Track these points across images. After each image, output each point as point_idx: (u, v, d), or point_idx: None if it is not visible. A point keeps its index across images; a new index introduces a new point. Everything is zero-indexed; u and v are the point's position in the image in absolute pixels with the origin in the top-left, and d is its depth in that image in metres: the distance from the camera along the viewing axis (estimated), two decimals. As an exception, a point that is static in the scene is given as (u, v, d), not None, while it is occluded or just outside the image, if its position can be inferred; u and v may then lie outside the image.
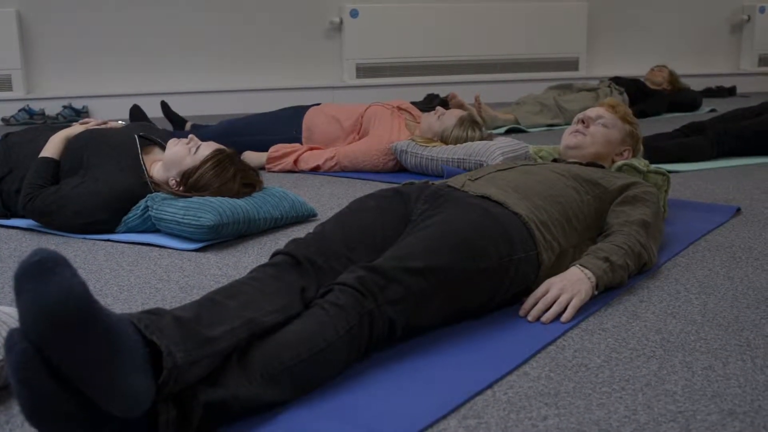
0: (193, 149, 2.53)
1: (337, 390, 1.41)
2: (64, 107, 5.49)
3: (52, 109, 5.48)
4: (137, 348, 1.15)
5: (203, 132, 3.84)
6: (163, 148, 2.72)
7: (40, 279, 1.06)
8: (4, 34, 5.37)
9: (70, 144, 2.65)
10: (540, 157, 2.74)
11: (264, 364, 1.32)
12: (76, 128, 2.75)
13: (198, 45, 5.79)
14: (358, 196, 3.00)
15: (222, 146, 2.57)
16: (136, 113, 4.31)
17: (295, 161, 3.52)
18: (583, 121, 2.49)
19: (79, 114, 5.50)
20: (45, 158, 2.61)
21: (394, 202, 1.87)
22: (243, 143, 3.65)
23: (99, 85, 5.64)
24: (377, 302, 1.49)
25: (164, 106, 4.50)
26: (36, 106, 5.46)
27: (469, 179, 1.99)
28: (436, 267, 1.59)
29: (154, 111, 4.59)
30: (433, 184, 1.96)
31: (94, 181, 2.49)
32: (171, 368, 1.17)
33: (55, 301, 1.06)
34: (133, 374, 1.12)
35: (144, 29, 5.68)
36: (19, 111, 5.41)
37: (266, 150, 3.61)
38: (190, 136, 2.59)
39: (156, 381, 1.16)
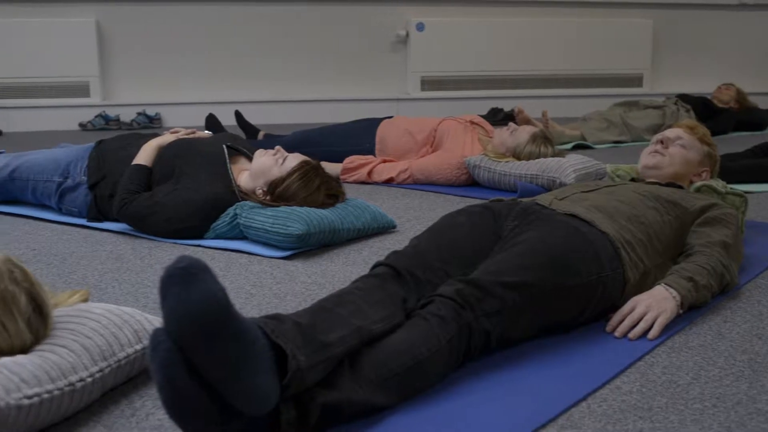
0: (281, 160, 2.63)
1: (438, 397, 1.48)
2: (138, 114, 5.67)
3: (127, 115, 5.66)
4: (266, 351, 1.23)
5: (277, 142, 3.95)
6: (249, 158, 2.83)
7: (185, 284, 1.15)
8: (83, 42, 5.57)
9: (163, 152, 2.77)
10: (617, 176, 2.78)
11: (373, 370, 1.39)
12: (167, 137, 2.87)
13: (270, 55, 5.93)
14: (432, 209, 3.10)
15: (308, 158, 2.67)
16: (212, 122, 4.44)
17: (369, 173, 3.61)
18: (662, 142, 2.53)
19: (152, 121, 5.67)
20: (138, 165, 2.73)
21: (484, 218, 1.93)
22: (317, 154, 3.73)
23: (172, 94, 5.81)
24: (475, 314, 1.56)
25: (238, 116, 4.63)
26: (111, 113, 5.64)
27: (556, 198, 2.04)
28: (529, 282, 1.66)
29: (227, 120, 4.72)
30: (521, 201, 2.02)
31: (186, 189, 2.61)
32: (295, 371, 1.25)
33: (198, 305, 1.15)
34: (262, 375, 1.21)
35: (218, 40, 5.83)
36: (96, 117, 5.60)
37: (340, 161, 3.70)
38: (277, 147, 2.69)
39: (280, 382, 1.25)
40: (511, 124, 3.61)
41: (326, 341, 1.34)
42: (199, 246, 2.57)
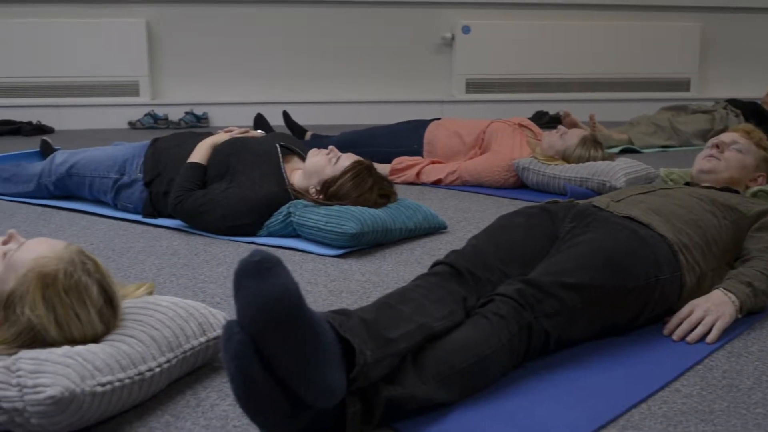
0: (334, 160, 2.66)
1: (498, 395, 1.49)
2: (186, 113, 5.74)
3: (175, 114, 5.74)
4: (334, 345, 1.25)
5: (325, 142, 3.98)
6: (302, 157, 2.86)
7: (260, 277, 1.18)
8: (134, 43, 5.66)
9: (217, 151, 2.81)
10: (671, 180, 2.76)
11: (436, 366, 1.41)
12: (221, 136, 2.92)
13: (317, 57, 5.97)
14: (481, 210, 3.11)
15: (360, 158, 2.69)
16: (261, 122, 4.49)
17: (418, 174, 3.62)
18: (717, 146, 2.51)
19: (200, 120, 5.75)
20: (193, 163, 2.78)
21: (541, 219, 1.94)
22: (365, 154, 3.73)
23: (219, 93, 5.88)
24: (535, 314, 1.57)
25: (285, 116, 4.68)
26: (160, 112, 5.72)
27: (612, 200, 2.04)
28: (588, 284, 1.66)
29: (274, 120, 4.76)
30: (577, 203, 2.02)
31: (240, 187, 2.64)
32: (362, 365, 1.27)
33: (272, 298, 1.17)
34: (331, 369, 1.23)
35: (265, 40, 5.89)
36: (145, 116, 5.69)
37: (387, 162, 3.72)
38: (330, 147, 2.72)
39: (347, 376, 1.27)
40: (560, 126, 3.61)
41: (391, 337, 1.36)
42: (252, 243, 2.61)
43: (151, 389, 1.46)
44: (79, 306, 1.43)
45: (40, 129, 5.44)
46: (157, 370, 1.45)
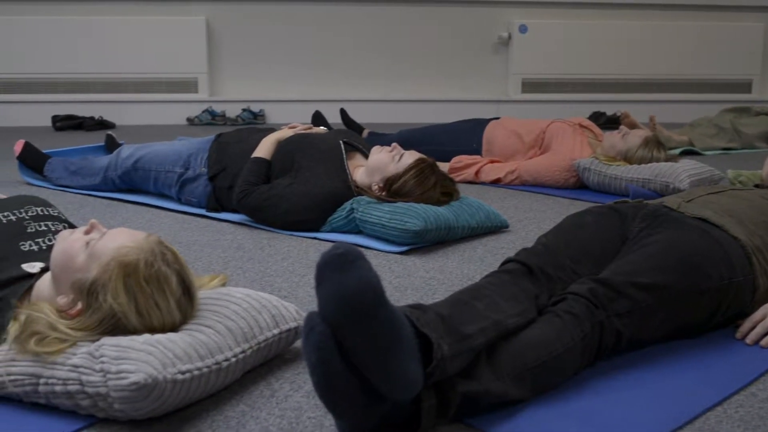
0: (397, 157, 2.67)
1: (570, 394, 1.49)
2: (243, 110, 5.81)
3: (232, 111, 5.81)
4: (412, 338, 1.26)
5: (383, 140, 3.99)
6: (365, 154, 2.88)
7: (342, 270, 1.19)
8: (193, 40, 5.74)
9: (281, 146, 2.84)
10: (739, 182, 2.72)
11: (510, 363, 1.41)
12: (285, 132, 2.95)
13: (373, 55, 5.99)
14: (541, 210, 3.10)
15: (424, 156, 2.70)
16: (318, 119, 4.52)
17: (477, 173, 3.62)
18: (789, 148, 2.46)
19: (256, 117, 5.81)
20: (258, 158, 2.81)
21: (611, 219, 1.92)
22: (423, 153, 3.76)
23: (276, 91, 5.94)
24: (607, 314, 1.56)
25: (343, 113, 4.70)
26: (218, 108, 5.80)
27: (684, 200, 2.01)
28: (661, 284, 1.65)
29: (331, 117, 4.79)
30: (648, 203, 2.00)
31: (305, 182, 2.67)
32: (440, 359, 1.28)
33: (354, 290, 1.18)
34: (409, 362, 1.24)
35: (322, 38, 5.93)
36: (203, 112, 5.77)
37: (446, 160, 3.72)
38: (393, 144, 2.73)
39: (424, 370, 1.27)
40: (622, 127, 3.57)
41: (467, 332, 1.36)
42: (315, 239, 2.63)
43: (226, 379, 1.48)
44: (158, 295, 1.46)
45: (102, 124, 5.56)
46: (233, 360, 1.47)
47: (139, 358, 1.33)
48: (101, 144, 3.90)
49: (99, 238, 1.50)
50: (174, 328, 1.48)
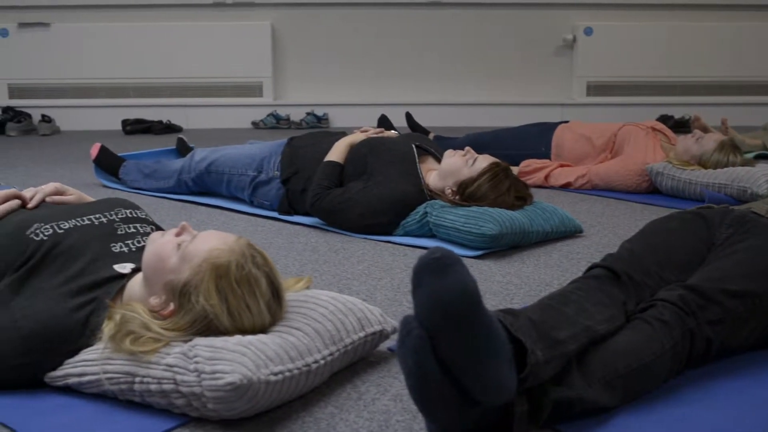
0: (471, 161, 2.67)
1: (660, 402, 1.47)
2: (307, 114, 5.86)
3: (297, 115, 5.87)
4: (507, 344, 1.26)
5: (449, 143, 3.98)
6: (437, 158, 2.88)
7: (439, 274, 1.19)
8: (259, 44, 5.82)
9: (354, 150, 2.86)
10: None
11: (601, 370, 1.40)
12: (357, 135, 2.96)
13: (437, 58, 5.99)
14: (614, 215, 3.06)
15: (497, 160, 2.69)
16: (384, 123, 4.53)
17: (546, 177, 3.59)
18: None
19: (320, 121, 5.85)
20: (331, 162, 2.83)
21: (696, 224, 1.89)
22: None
23: (340, 95, 5.97)
24: (697, 321, 1.54)
25: (408, 117, 4.71)
26: (282, 112, 5.86)
27: (772, 206, 1.97)
28: (752, 291, 1.61)
29: (396, 121, 4.80)
30: (734, 209, 1.97)
31: (378, 186, 2.68)
32: (534, 365, 1.27)
33: (451, 295, 1.18)
34: (504, 367, 1.23)
35: (386, 42, 5.95)
36: (268, 116, 5.84)
37: (513, 164, 3.69)
38: (467, 148, 2.73)
39: (518, 375, 1.27)
40: (696, 131, 3.51)
41: (559, 338, 1.35)
42: (389, 242, 2.64)
43: (315, 381, 1.50)
44: (249, 297, 1.48)
45: (170, 128, 5.66)
46: (322, 362, 1.49)
47: (234, 359, 1.35)
48: (173, 147, 3.97)
49: (190, 241, 1.53)
50: (264, 330, 1.50)
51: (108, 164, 3.57)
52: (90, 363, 1.48)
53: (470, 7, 5.94)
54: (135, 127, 5.61)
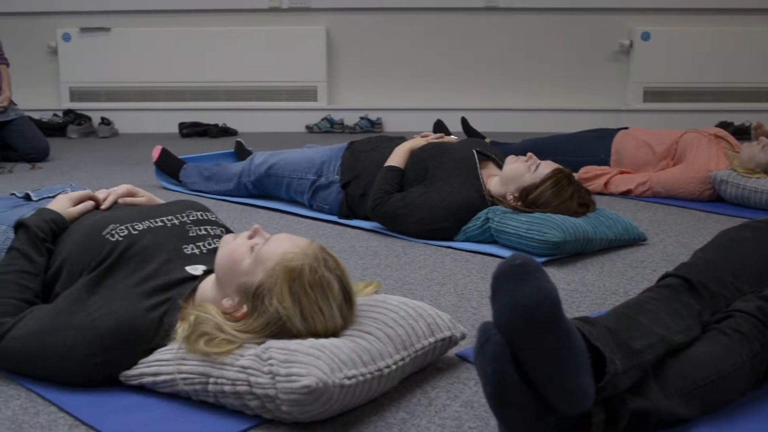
0: (533, 167, 2.65)
1: (737, 414, 1.44)
2: (361, 118, 5.88)
3: (350, 119, 5.89)
4: (585, 352, 1.24)
5: (505, 149, 3.96)
6: (497, 163, 2.86)
7: (519, 281, 1.18)
8: (314, 49, 5.85)
9: (415, 155, 2.86)
10: None
11: (679, 381, 1.38)
12: (418, 140, 2.96)
13: (491, 64, 5.96)
14: (677, 223, 3.01)
15: (560, 166, 2.66)
16: (440, 128, 4.52)
17: (606, 184, 3.55)
18: None
19: (374, 125, 5.86)
20: (392, 167, 2.83)
21: (770, 233, 1.85)
22: (549, 162, 3.72)
23: (394, 99, 5.98)
24: (776, 333, 1.50)
25: (464, 122, 4.69)
26: (336, 116, 5.89)
27: None
28: (833, 303, 1.57)
29: (451, 126, 4.79)
30: (810, 218, 1.92)
31: (439, 191, 2.67)
32: (613, 374, 1.26)
33: (531, 302, 1.18)
34: (583, 376, 1.22)
35: (440, 47, 5.94)
36: (322, 120, 5.87)
37: (572, 170, 3.65)
38: (529, 154, 2.71)
39: (596, 384, 1.25)
40: (761, 138, 3.43)
41: (636, 348, 1.34)
42: (449, 248, 2.63)
43: (386, 386, 1.50)
44: (322, 300, 1.48)
45: (225, 131, 5.72)
46: (393, 367, 1.49)
47: (309, 362, 1.36)
48: (231, 151, 4.01)
49: (263, 244, 1.54)
50: (336, 334, 1.51)
51: (169, 167, 3.63)
52: (165, 363, 1.50)
53: (526, 11, 5.91)
54: (191, 130, 5.68)
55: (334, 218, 3.00)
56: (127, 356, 1.54)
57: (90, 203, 1.88)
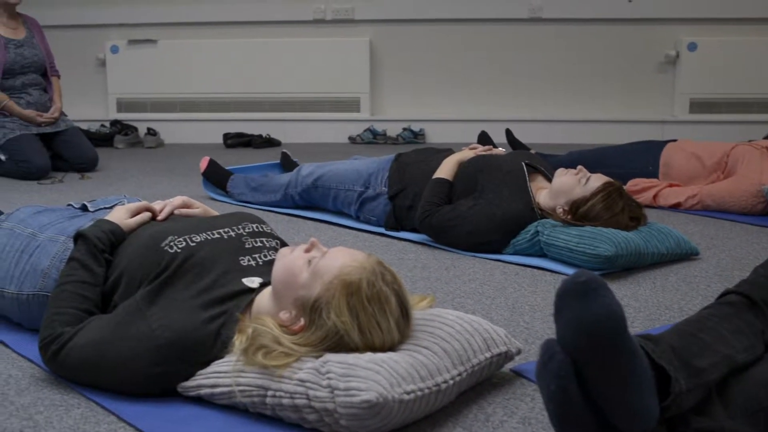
0: (583, 180, 2.63)
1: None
2: (404, 129, 5.88)
3: (393, 130, 5.90)
4: (649, 371, 1.23)
5: (551, 160, 3.93)
6: (546, 176, 2.85)
7: (585, 298, 1.17)
8: (358, 60, 5.88)
9: (463, 168, 2.85)
10: None
11: (743, 401, 1.35)
12: (467, 153, 2.96)
13: (534, 75, 5.94)
14: (729, 238, 2.97)
15: (610, 179, 2.64)
16: (484, 139, 4.51)
17: (655, 196, 3.51)
18: None
19: (417, 136, 5.87)
20: (440, 179, 2.83)
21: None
22: (596, 175, 3.69)
23: (436, 110, 5.98)
24: (841, 353, 1.47)
25: (508, 133, 4.67)
26: (379, 127, 5.90)
27: None
28: None
29: (495, 137, 4.77)
30: None
31: (488, 204, 2.67)
32: (677, 394, 1.24)
33: (597, 319, 1.17)
34: (647, 395, 1.21)
35: (482, 58, 5.94)
36: (364, 131, 5.89)
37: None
38: (579, 167, 2.69)
39: (660, 403, 1.24)
40: (816, 151, 3.37)
41: (700, 367, 1.32)
42: (498, 260, 2.62)
43: (443, 401, 1.50)
44: (380, 315, 1.48)
45: (269, 142, 5.77)
46: (451, 382, 1.48)
47: (368, 377, 1.36)
48: (277, 162, 4.03)
49: (321, 257, 1.55)
50: (393, 348, 1.51)
51: (216, 177, 3.66)
52: (222, 375, 1.52)
53: (571, 22, 5.88)
54: (236, 141, 5.74)
55: (381, 230, 3.01)
56: (184, 367, 1.56)
57: (147, 214, 1.90)
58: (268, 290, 1.64)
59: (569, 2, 5.85)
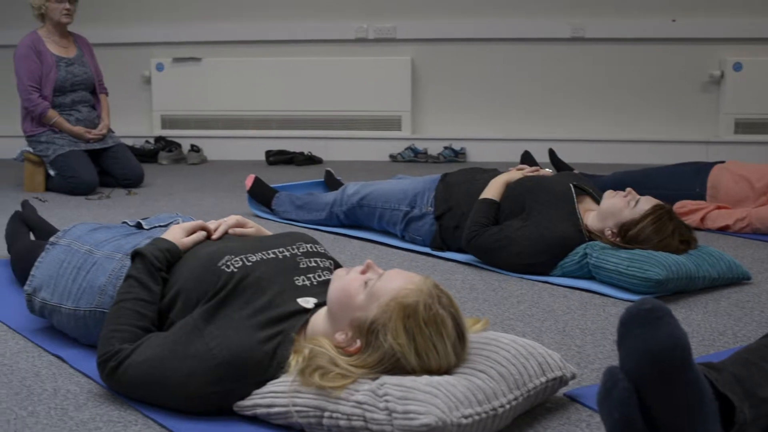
0: (633, 202, 2.61)
1: None
2: (445, 148, 5.89)
3: (434, 149, 5.91)
4: (713, 400, 1.22)
5: (595, 181, 3.91)
6: (594, 198, 2.83)
7: (650, 326, 1.17)
8: (399, 79, 5.91)
9: (511, 189, 2.85)
10: None
11: (809, 432, 1.33)
12: (514, 174, 2.95)
13: (577, 94, 5.92)
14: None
15: (660, 202, 2.62)
16: (527, 158, 4.50)
17: (702, 219, 3.47)
18: None
19: (457, 155, 5.87)
20: (487, 199, 2.83)
21: None
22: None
23: (477, 129, 5.98)
24: None
25: (551, 153, 4.65)
26: (420, 146, 5.92)
27: None
28: None
29: (537, 157, 4.76)
30: None
31: (537, 226, 2.66)
32: (742, 423, 1.23)
33: (662, 348, 1.16)
34: (711, 425, 1.19)
35: (525, 78, 5.93)
36: (405, 149, 5.91)
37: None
38: (628, 189, 2.68)
39: (724, 434, 1.22)
40: None
41: (763, 396, 1.30)
42: (546, 282, 2.61)
43: (499, 425, 1.49)
44: (437, 338, 1.49)
45: (311, 159, 5.81)
46: (507, 406, 1.48)
47: (426, 400, 1.36)
48: (321, 180, 4.06)
49: (377, 279, 1.56)
50: (449, 371, 1.51)
51: (261, 195, 3.70)
52: (279, 394, 1.53)
53: (614, 42, 5.85)
54: (278, 158, 5.79)
55: (427, 250, 3.01)
56: (240, 387, 1.57)
57: (202, 234, 1.92)
58: (323, 311, 1.65)
59: (612, 22, 5.84)
